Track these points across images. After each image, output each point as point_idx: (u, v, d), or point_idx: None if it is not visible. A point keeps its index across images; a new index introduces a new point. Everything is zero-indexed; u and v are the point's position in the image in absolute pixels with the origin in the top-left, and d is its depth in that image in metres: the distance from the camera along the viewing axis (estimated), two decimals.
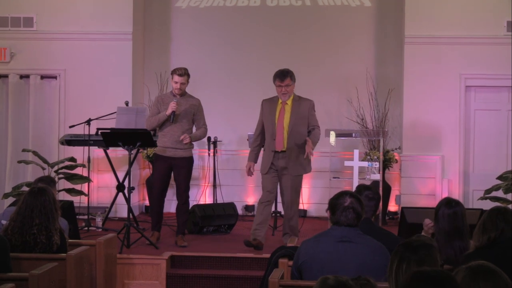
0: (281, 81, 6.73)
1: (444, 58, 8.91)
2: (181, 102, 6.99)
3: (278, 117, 6.77)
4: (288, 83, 6.73)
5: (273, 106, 6.85)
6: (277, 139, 6.74)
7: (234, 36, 9.72)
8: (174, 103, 6.88)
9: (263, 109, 6.93)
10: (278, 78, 6.75)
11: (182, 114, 6.99)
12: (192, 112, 7.04)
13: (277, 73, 6.79)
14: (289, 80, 6.74)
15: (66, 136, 8.33)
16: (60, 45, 9.19)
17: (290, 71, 6.83)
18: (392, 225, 8.38)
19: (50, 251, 4.66)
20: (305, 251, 3.79)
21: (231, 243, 7.36)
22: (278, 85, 6.76)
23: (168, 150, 6.98)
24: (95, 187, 9.01)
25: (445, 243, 4.29)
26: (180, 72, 7.00)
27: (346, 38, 9.59)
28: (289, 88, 6.74)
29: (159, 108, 7.02)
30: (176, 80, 6.99)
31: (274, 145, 6.75)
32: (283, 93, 6.74)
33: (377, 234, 4.11)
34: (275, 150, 6.75)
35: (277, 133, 6.74)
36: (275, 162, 6.75)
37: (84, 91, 9.18)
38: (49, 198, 4.69)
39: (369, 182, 8.13)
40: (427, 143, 8.92)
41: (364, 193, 4.49)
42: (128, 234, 6.81)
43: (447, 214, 4.31)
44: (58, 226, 4.74)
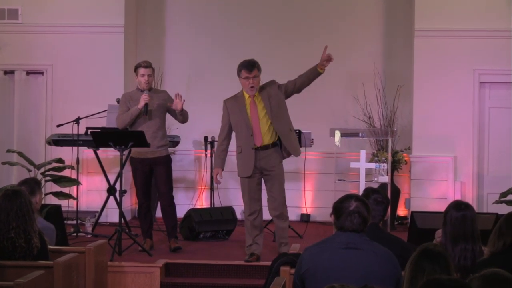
0: (249, 72, 6.48)
1: (456, 53, 8.90)
2: (152, 96, 7.04)
3: (251, 111, 6.59)
4: (256, 74, 6.51)
5: (241, 102, 6.64)
6: (255, 134, 6.57)
7: (233, 30, 9.73)
8: (146, 95, 6.93)
9: (227, 109, 6.69)
10: (246, 68, 6.48)
11: (156, 109, 7.03)
12: (164, 105, 7.07)
13: (244, 64, 6.52)
14: (256, 70, 6.52)
15: (54, 136, 8.33)
16: (47, 38, 9.19)
17: (256, 61, 6.58)
18: (401, 231, 8.37)
19: (30, 255, 4.67)
20: (308, 259, 3.79)
21: (229, 249, 7.36)
22: (245, 77, 6.51)
23: (146, 151, 6.98)
24: (84, 190, 9.01)
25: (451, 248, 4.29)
26: (146, 64, 7.09)
27: (352, 31, 9.59)
28: (256, 80, 6.53)
29: (129, 106, 7.05)
30: (142, 72, 7.05)
31: (253, 141, 6.58)
32: (251, 85, 6.50)
33: (385, 240, 4.11)
34: (255, 146, 6.59)
35: (254, 128, 6.57)
36: (257, 163, 6.59)
37: (72, 88, 9.18)
38: (24, 200, 4.73)
39: (376, 185, 8.12)
40: (438, 143, 8.92)
41: (372, 197, 4.49)
42: (119, 240, 6.81)
43: (455, 217, 4.31)
44: (36, 228, 4.76)
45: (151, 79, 7.13)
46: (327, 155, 9.14)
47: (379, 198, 4.52)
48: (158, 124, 7.05)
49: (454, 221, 4.30)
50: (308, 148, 8.17)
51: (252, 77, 6.51)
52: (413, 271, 2.93)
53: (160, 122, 7.06)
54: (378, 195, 4.53)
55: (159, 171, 7.04)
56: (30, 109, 9.28)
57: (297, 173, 9.16)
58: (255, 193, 6.66)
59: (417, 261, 2.97)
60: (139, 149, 6.99)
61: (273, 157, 6.64)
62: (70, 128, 8.01)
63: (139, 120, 7.02)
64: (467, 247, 4.23)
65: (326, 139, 8.46)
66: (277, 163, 6.66)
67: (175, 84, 9.54)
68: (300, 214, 9.37)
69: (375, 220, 4.43)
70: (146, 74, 7.04)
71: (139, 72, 7.06)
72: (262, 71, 6.65)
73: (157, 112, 7.05)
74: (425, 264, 2.96)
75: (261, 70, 6.63)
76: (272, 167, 6.63)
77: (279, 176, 6.66)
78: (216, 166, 6.78)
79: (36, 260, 4.70)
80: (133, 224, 8.63)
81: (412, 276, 2.93)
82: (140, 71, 7.05)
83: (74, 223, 8.05)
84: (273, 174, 6.65)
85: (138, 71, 7.08)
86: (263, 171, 6.66)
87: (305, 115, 9.21)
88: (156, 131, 7.01)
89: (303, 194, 9.08)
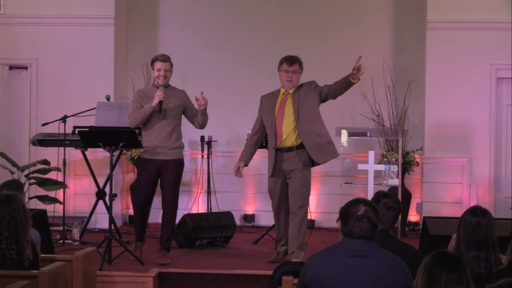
0: (289, 65, 6.85)
1: (472, 46, 8.91)
2: (168, 94, 6.97)
3: (278, 109, 6.84)
4: (296, 70, 6.86)
5: (274, 99, 6.93)
6: (277, 133, 6.81)
7: (231, 21, 9.73)
8: (161, 92, 6.84)
9: (262, 105, 7.01)
10: (286, 61, 6.87)
11: (171, 108, 6.96)
12: (182, 105, 7.03)
13: (286, 57, 6.92)
14: (298, 66, 6.88)
15: (38, 136, 8.34)
16: (31, 30, 9.20)
17: (300, 58, 6.95)
18: (412, 238, 8.38)
19: (21, 267, 4.64)
20: (312, 267, 3.80)
21: (227, 258, 7.36)
22: (284, 70, 6.87)
23: (158, 152, 6.96)
24: (71, 194, 9.02)
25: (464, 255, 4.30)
26: (163, 58, 7.00)
27: (360, 23, 9.60)
28: (295, 75, 6.86)
29: (143, 103, 6.97)
30: (158, 67, 6.97)
31: (274, 140, 6.82)
32: (288, 79, 6.84)
33: (395, 247, 4.12)
34: (276, 146, 6.80)
35: (277, 127, 6.81)
36: (280, 164, 6.81)
37: (59, 84, 9.18)
38: (18, 207, 4.65)
39: (386, 188, 8.12)
40: (452, 144, 8.92)
41: (383, 201, 4.49)
42: (109, 248, 6.81)
43: (469, 223, 4.32)
44: (29, 238, 4.72)
45: (169, 75, 7.02)
46: None
47: (390, 203, 4.52)
48: (173, 125, 6.99)
49: (467, 227, 4.31)
50: None
51: (292, 71, 6.83)
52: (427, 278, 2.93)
53: (175, 123, 7.00)
54: (389, 200, 4.53)
55: (167, 174, 6.98)
56: (13, 107, 9.28)
57: None
58: (278, 195, 6.88)
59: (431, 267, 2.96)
60: (150, 149, 6.97)
61: (296, 160, 6.78)
62: (56, 127, 8.02)
63: (153, 119, 6.96)
64: (481, 256, 4.24)
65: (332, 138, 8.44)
66: (300, 166, 6.78)
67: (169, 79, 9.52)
68: None
69: (385, 227, 4.43)
70: (163, 69, 6.97)
71: (155, 66, 6.98)
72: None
73: (173, 112, 6.98)
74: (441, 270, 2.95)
75: (303, 69, 6.92)
76: (293, 169, 6.78)
77: (299, 179, 6.77)
78: (240, 160, 7.01)
79: None
80: (124, 230, 8.64)
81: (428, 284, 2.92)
82: (157, 65, 6.98)
83: (60, 229, 8.06)
84: (294, 176, 6.79)
85: (154, 65, 7.00)
86: (285, 173, 6.83)
87: None
88: (171, 132, 6.96)
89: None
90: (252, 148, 7.03)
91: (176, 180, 7.04)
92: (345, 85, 6.78)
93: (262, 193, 6.86)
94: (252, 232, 8.87)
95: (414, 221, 9.20)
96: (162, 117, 6.90)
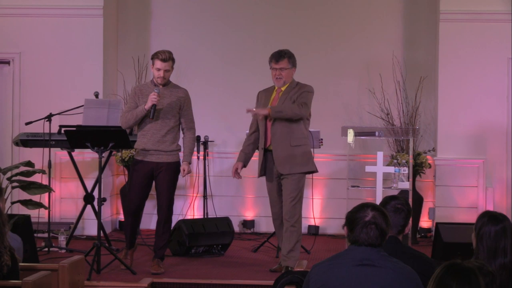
0: (276, 62, 6.85)
1: (488, 39, 8.91)
2: (165, 93, 6.97)
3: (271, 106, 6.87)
4: (284, 66, 6.83)
5: (267, 96, 6.96)
6: (267, 133, 6.86)
7: (229, 13, 9.73)
8: (155, 95, 6.84)
9: (258, 101, 7.04)
10: (274, 58, 6.87)
11: (166, 109, 6.97)
12: (178, 105, 7.02)
13: (273, 54, 6.91)
14: (286, 62, 6.84)
15: (22, 135, 8.33)
16: (14, 22, 9.20)
17: (290, 52, 6.92)
18: (424, 245, 8.38)
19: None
20: (316, 277, 3.80)
21: (225, 267, 7.36)
22: (272, 68, 6.88)
23: (150, 154, 6.97)
24: (57, 198, 9.02)
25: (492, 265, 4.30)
26: (164, 57, 6.96)
27: (368, 15, 9.60)
28: (284, 72, 6.84)
29: (137, 102, 6.98)
30: (158, 66, 6.97)
31: (264, 141, 6.86)
32: (277, 77, 6.85)
33: (405, 256, 4.11)
34: (264, 147, 6.85)
35: (267, 126, 6.85)
36: (269, 165, 6.86)
37: (43, 80, 9.19)
38: None
39: (396, 192, 8.13)
40: (467, 144, 8.93)
41: (391, 203, 4.48)
42: (98, 257, 6.81)
43: (495, 231, 4.31)
44: (7, 243, 4.74)
45: (168, 75, 7.00)
46: (338, 157, 9.15)
47: (398, 205, 4.50)
48: (168, 127, 6.97)
49: (493, 235, 4.30)
50: (317, 150, 8.17)
51: (279, 68, 6.81)
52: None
53: (170, 124, 6.97)
54: (397, 201, 4.52)
55: (162, 178, 6.97)
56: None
57: None
58: (276, 198, 6.94)
59: (441, 278, 2.96)
60: (143, 151, 6.97)
61: (288, 163, 6.78)
62: (41, 126, 8.01)
63: (146, 120, 6.96)
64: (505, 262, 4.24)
65: (337, 139, 8.46)
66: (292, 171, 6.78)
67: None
68: (307, 226, 9.38)
69: (393, 232, 4.43)
70: (162, 69, 6.94)
71: (155, 64, 6.96)
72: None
73: (168, 114, 6.96)
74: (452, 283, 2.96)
75: (295, 63, 6.89)
76: (285, 174, 6.80)
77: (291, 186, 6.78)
78: (237, 160, 7.05)
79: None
80: (113, 237, 8.64)
81: None
82: (156, 63, 6.95)
83: (45, 236, 8.06)
84: (284, 183, 6.81)
85: (154, 63, 6.98)
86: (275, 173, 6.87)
87: (313, 111, 9.16)
88: (165, 134, 6.95)
89: (311, 202, 9.07)
90: (250, 148, 7.04)
91: (172, 185, 7.05)
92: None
93: (262, 198, 6.86)
94: (251, 239, 8.88)
95: (426, 228, 9.21)
96: (155, 119, 6.91)
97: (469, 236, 4.56)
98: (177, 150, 7.07)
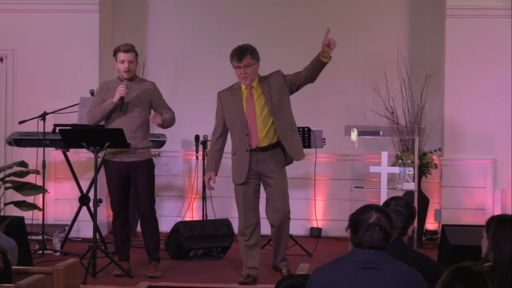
0: (238, 61, 6.63)
1: (496, 35, 8.91)
2: (132, 87, 6.99)
3: (247, 106, 6.68)
4: (248, 63, 6.63)
5: (236, 95, 6.75)
6: (250, 133, 6.65)
7: (228, 10, 9.73)
8: (123, 87, 6.85)
9: (222, 103, 6.80)
10: (235, 57, 6.64)
11: (134, 102, 6.97)
12: (147, 98, 7.02)
13: (233, 51, 6.69)
14: (250, 58, 6.64)
15: (15, 135, 8.34)
16: (8, 18, 9.20)
17: (250, 46, 6.71)
18: (430, 248, 8.38)
19: None
20: (319, 281, 3.80)
21: (224, 270, 7.37)
22: (236, 67, 6.67)
23: (121, 153, 6.96)
24: (52, 200, 9.02)
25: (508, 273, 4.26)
26: (126, 48, 7.01)
27: (373, 11, 9.60)
28: (249, 69, 6.63)
29: (104, 98, 7.01)
30: (122, 58, 6.99)
31: (247, 142, 6.65)
32: (243, 76, 6.65)
33: (410, 259, 4.11)
34: (251, 148, 6.66)
35: (249, 126, 6.64)
36: (254, 166, 6.67)
37: (38, 77, 9.19)
38: None
39: (401, 193, 8.14)
40: (474, 144, 8.93)
41: (392, 204, 4.48)
42: (94, 260, 6.82)
43: None
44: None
45: (133, 66, 7.05)
46: (341, 157, 9.14)
47: (398, 206, 4.50)
48: (138, 122, 6.99)
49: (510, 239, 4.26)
50: (319, 149, 8.18)
51: (243, 66, 6.63)
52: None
53: (140, 119, 7.00)
54: (398, 202, 4.52)
55: (138, 178, 7.01)
56: None
57: (305, 179, 9.17)
58: (252, 202, 6.74)
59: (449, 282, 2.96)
60: (113, 150, 6.97)
61: (273, 160, 6.68)
62: (35, 125, 8.02)
63: (113, 115, 6.98)
64: None
65: (340, 138, 8.46)
66: (278, 167, 6.69)
67: (160, 73, 9.56)
68: (309, 228, 9.39)
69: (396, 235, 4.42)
70: (126, 61, 6.99)
71: (118, 57, 7.01)
72: (262, 58, 6.68)
73: (136, 107, 6.98)
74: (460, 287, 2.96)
75: (258, 57, 6.69)
76: (271, 172, 6.67)
77: (280, 183, 6.69)
78: (208, 170, 6.87)
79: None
80: (109, 239, 8.63)
81: None
82: (120, 56, 7.00)
83: (39, 238, 8.06)
84: (273, 181, 6.68)
85: (117, 56, 7.02)
86: (261, 176, 6.71)
87: (315, 110, 9.23)
88: (135, 130, 6.97)
89: (313, 204, 9.08)
90: (219, 154, 6.86)
91: (150, 184, 7.09)
92: (317, 67, 6.62)
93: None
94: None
95: (432, 230, 9.21)
96: (123, 114, 6.91)
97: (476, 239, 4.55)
98: (148, 147, 7.09)
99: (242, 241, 6.75)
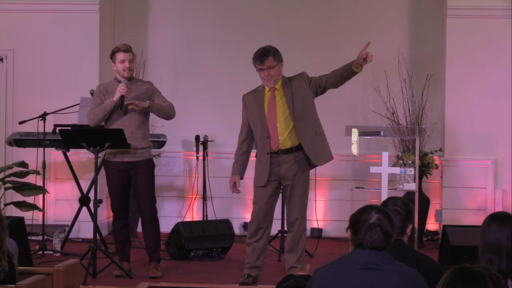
0: (261, 63, 6.62)
1: (498, 35, 8.91)
2: (131, 87, 7.00)
3: (268, 108, 6.69)
4: (271, 64, 6.62)
5: (259, 97, 6.75)
6: (271, 136, 6.65)
7: (230, 10, 9.73)
8: (123, 86, 6.86)
9: (246, 106, 6.81)
10: (258, 59, 6.63)
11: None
12: (147, 98, 7.03)
13: (255, 54, 6.67)
14: (272, 60, 6.62)
15: (15, 135, 8.35)
16: (8, 18, 9.20)
17: (272, 47, 6.69)
18: (431, 248, 8.39)
19: None
20: (319, 281, 3.80)
21: (225, 271, 7.38)
22: (259, 69, 6.65)
23: (121, 153, 6.97)
24: (52, 200, 9.03)
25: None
26: (125, 48, 7.03)
27: (373, 11, 9.60)
28: (273, 70, 6.63)
29: (103, 99, 7.02)
30: (122, 58, 7.00)
31: (268, 144, 6.66)
32: (266, 78, 6.65)
33: (411, 259, 4.12)
34: (271, 151, 6.67)
35: (270, 128, 6.65)
36: (275, 169, 6.67)
37: (38, 77, 9.20)
38: None
39: (401, 194, 8.15)
40: (475, 144, 8.93)
41: (387, 204, 4.47)
42: (94, 260, 6.83)
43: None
44: (6, 248, 4.74)
45: (133, 66, 7.09)
46: (342, 158, 9.12)
47: (394, 206, 4.49)
48: (138, 122, 7.00)
49: None
50: None
51: (267, 68, 6.62)
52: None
53: (140, 119, 7.01)
54: (395, 201, 4.52)
55: (139, 178, 7.02)
56: None
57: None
58: (268, 205, 6.74)
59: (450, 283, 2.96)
60: (113, 150, 6.98)
61: (295, 163, 6.69)
62: (35, 125, 8.02)
63: (113, 116, 6.99)
64: None
65: (341, 138, 8.45)
66: (300, 170, 6.70)
67: (160, 73, 9.56)
68: (310, 229, 9.38)
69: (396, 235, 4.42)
70: (126, 60, 6.99)
71: (117, 57, 7.02)
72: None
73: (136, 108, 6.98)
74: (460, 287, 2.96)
75: (281, 58, 6.70)
76: (291, 176, 6.68)
77: (299, 187, 6.70)
78: (233, 173, 6.84)
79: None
80: (110, 240, 8.64)
81: None
82: (119, 56, 7.01)
83: (39, 239, 8.07)
84: (292, 184, 6.69)
85: (116, 57, 7.03)
86: (281, 180, 6.72)
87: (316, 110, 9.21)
88: (135, 130, 6.98)
89: (314, 204, 9.08)
90: (244, 157, 6.84)
91: (151, 184, 7.10)
92: (346, 75, 6.68)
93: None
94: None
95: (432, 230, 9.21)
96: (123, 114, 6.92)
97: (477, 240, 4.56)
98: (149, 147, 7.12)
99: (251, 241, 6.75)
